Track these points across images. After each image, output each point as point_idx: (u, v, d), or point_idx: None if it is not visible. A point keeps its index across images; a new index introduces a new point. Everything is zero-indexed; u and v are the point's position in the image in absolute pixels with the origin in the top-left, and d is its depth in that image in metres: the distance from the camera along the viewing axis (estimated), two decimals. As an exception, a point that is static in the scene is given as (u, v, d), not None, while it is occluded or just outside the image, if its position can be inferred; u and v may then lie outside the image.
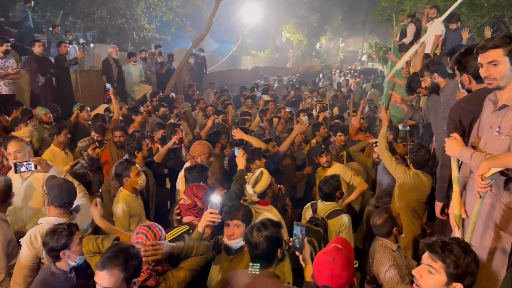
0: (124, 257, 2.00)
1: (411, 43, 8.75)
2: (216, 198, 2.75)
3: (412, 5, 9.28)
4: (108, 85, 6.44)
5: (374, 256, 3.08)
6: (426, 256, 1.89)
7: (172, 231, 3.01)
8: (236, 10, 20.40)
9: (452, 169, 2.58)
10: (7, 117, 5.96)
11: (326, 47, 34.98)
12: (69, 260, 2.49)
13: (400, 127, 6.50)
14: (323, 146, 5.18)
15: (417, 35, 8.91)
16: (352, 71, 22.33)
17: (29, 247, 2.86)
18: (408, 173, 4.06)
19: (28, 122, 5.60)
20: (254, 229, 2.43)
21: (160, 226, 2.52)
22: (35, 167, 3.37)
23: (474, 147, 2.55)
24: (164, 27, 19.31)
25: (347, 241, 2.50)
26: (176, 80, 11.98)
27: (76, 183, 3.39)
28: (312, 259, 2.44)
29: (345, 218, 3.75)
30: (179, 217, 3.20)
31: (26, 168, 3.38)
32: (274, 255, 2.43)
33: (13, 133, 5.07)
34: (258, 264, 2.38)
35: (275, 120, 6.70)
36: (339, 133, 6.08)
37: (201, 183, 3.46)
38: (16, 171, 3.38)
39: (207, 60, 14.40)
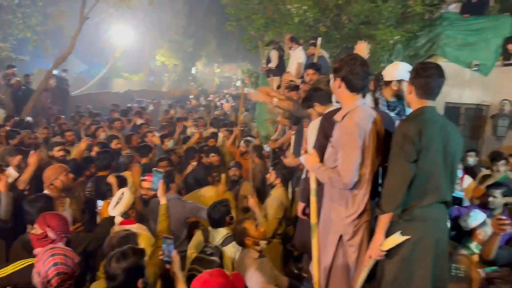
0: None
1: (277, 67, 9.36)
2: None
3: (272, 35, 9.99)
4: None
5: (237, 267, 3.12)
6: None
7: (16, 264, 2.66)
8: (106, 31, 19.54)
9: (310, 181, 2.80)
10: None
11: (202, 72, 35.41)
12: None
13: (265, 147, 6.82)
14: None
15: (282, 60, 9.56)
16: (226, 96, 22.91)
17: None
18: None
19: None
20: (113, 259, 2.26)
21: None
22: None
23: None
24: (22, 46, 17.48)
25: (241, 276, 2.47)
26: (36, 102, 10.89)
27: None
28: None
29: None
30: None
31: None
32: (133, 287, 2.27)
33: None
34: None
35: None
36: (212, 154, 6.10)
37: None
38: None
39: (74, 82, 13.43)
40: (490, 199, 4.21)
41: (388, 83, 3.48)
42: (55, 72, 11.73)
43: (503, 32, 8.16)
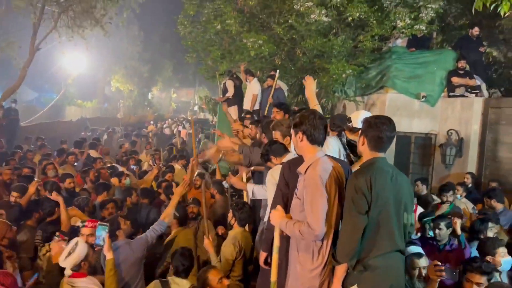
0: None
1: (235, 96, 9.42)
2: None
3: (226, 66, 10.12)
4: None
5: None
6: None
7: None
8: (57, 58, 18.97)
9: (274, 238, 2.82)
10: None
11: (158, 97, 35.05)
12: None
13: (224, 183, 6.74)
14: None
15: (239, 90, 9.65)
16: (183, 121, 22.54)
17: None
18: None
19: None
20: None
21: None
22: None
23: None
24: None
25: None
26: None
27: None
28: None
29: None
30: None
31: None
32: None
33: None
34: None
35: None
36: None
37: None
38: None
39: (23, 111, 12.88)
40: (436, 231, 4.40)
41: (358, 129, 3.66)
42: (3, 103, 11.21)
43: (446, 65, 8.70)
